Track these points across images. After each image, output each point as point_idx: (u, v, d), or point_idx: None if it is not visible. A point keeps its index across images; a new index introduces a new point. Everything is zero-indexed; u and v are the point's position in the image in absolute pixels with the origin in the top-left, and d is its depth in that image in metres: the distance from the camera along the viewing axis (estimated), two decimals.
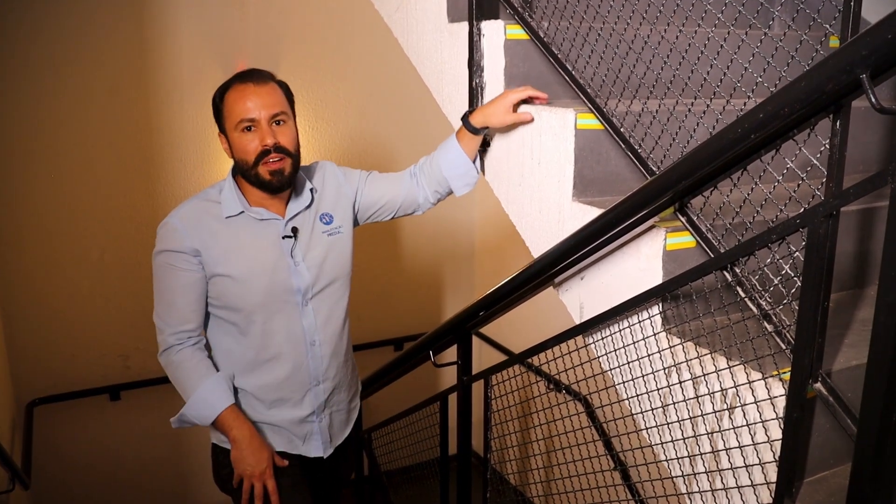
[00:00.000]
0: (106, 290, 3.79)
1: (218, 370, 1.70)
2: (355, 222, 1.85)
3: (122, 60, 3.66)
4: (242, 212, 1.65)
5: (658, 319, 1.35)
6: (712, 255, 1.30)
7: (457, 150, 1.81)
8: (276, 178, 1.61)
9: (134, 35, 3.67)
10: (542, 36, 1.74)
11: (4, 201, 3.56)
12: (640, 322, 1.38)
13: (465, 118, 1.78)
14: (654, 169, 1.50)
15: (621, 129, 1.55)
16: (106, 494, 3.92)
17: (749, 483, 1.15)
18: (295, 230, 1.68)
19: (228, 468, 1.67)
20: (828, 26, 1.14)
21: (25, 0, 3.40)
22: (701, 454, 1.26)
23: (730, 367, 1.19)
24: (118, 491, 3.94)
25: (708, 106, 1.44)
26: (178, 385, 1.67)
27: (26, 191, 3.59)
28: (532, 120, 1.67)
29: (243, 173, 1.64)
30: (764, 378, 1.13)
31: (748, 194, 1.26)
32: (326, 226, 1.74)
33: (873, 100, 0.82)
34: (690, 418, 1.27)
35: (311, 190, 1.74)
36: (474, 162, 1.84)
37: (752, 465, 1.14)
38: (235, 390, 1.70)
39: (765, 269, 1.18)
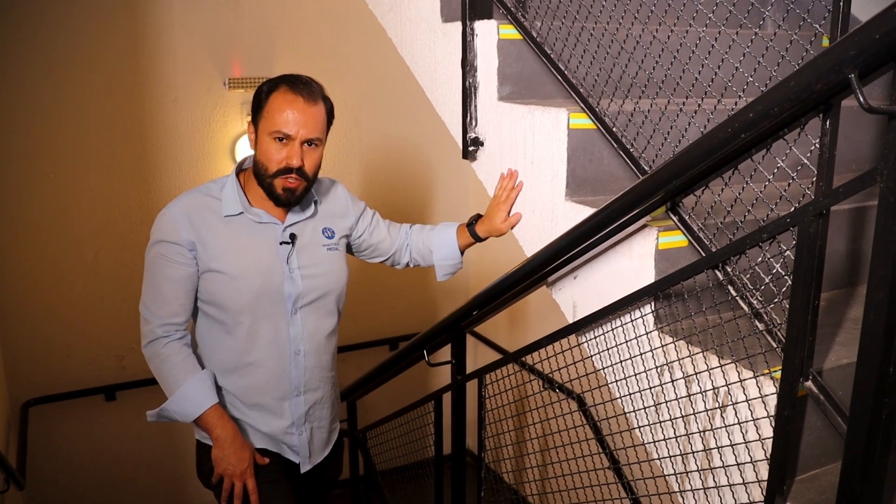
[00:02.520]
0: (101, 290, 3.79)
1: (203, 367, 1.69)
2: (347, 247, 1.90)
3: (118, 61, 3.66)
4: (242, 212, 1.65)
5: (650, 318, 1.35)
6: (704, 254, 1.30)
7: (453, 248, 1.93)
8: (286, 194, 1.63)
9: (129, 35, 3.67)
10: (534, 36, 1.75)
11: None
12: (632, 321, 1.38)
13: (470, 226, 1.89)
14: (646, 168, 1.50)
15: (613, 129, 1.56)
16: (101, 495, 3.91)
17: (741, 481, 1.16)
18: (293, 237, 1.69)
19: (210, 464, 1.67)
20: (818, 26, 1.15)
21: (22, 1, 3.40)
22: (693, 452, 1.26)
23: (721, 366, 1.20)
24: (113, 491, 3.93)
25: (699, 105, 1.45)
26: (162, 378, 1.66)
27: (21, 190, 3.58)
28: (520, 218, 1.79)
29: (258, 175, 1.64)
30: (755, 376, 1.14)
31: (739, 193, 1.26)
32: (328, 240, 1.77)
33: (861, 99, 0.82)
34: (683, 416, 1.27)
35: (315, 202, 1.76)
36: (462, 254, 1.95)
37: (744, 464, 1.15)
38: (218, 388, 1.70)
39: (756, 267, 1.18)
